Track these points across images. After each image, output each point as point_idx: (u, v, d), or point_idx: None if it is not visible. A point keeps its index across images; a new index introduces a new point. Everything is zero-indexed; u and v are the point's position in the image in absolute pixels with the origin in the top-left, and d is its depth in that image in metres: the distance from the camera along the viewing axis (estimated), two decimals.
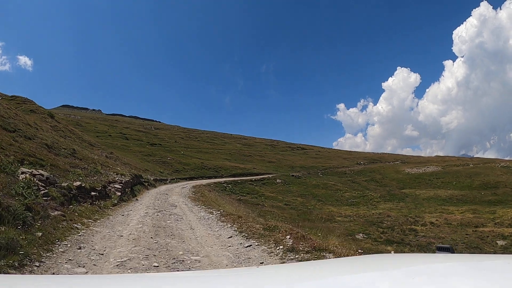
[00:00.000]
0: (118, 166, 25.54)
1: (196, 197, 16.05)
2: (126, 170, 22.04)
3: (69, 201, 8.86)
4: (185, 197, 16.06)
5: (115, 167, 21.46)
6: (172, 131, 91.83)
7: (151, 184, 24.47)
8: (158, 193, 18.90)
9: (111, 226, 7.25)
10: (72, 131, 34.55)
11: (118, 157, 32.42)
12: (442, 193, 43.40)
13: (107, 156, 29.93)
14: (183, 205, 12.20)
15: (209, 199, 15.03)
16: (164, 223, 7.62)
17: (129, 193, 14.21)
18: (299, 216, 28.25)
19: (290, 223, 22.83)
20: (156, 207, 11.36)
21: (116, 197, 11.68)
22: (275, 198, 36.55)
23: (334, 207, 35.23)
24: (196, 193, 19.42)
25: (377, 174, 54.04)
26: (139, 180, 21.68)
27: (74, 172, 12.82)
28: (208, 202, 13.60)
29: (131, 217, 8.53)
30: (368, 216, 29.86)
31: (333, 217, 28.71)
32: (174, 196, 16.51)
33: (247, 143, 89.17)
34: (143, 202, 13.01)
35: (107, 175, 17.30)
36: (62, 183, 9.48)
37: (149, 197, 15.69)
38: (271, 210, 29.29)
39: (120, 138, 64.99)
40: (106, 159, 27.52)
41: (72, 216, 7.31)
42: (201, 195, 16.89)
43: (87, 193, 10.06)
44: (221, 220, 8.17)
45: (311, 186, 45.04)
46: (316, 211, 31.38)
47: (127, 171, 20.90)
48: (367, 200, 39.91)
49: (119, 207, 10.61)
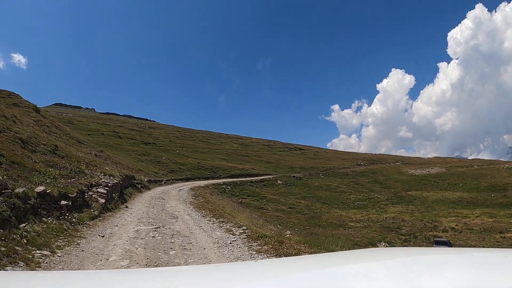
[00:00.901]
0: (108, 165, 22.44)
1: (199, 203, 13.13)
2: (116, 170, 18.99)
3: (23, 216, 5.90)
4: (185, 203, 13.13)
5: (103, 167, 18.39)
6: (167, 130, 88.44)
7: (144, 186, 21.43)
8: (152, 197, 15.92)
9: (79, 262, 4.32)
10: (59, 127, 31.27)
11: (109, 155, 29.25)
12: (450, 195, 41.06)
13: (97, 155, 26.79)
14: (185, 216, 9.28)
15: (216, 206, 12.10)
16: (165, 257, 4.74)
17: (117, 199, 11.22)
18: (307, 221, 25.48)
19: (304, 230, 19.91)
20: (151, 219, 8.43)
21: (98, 206, 8.71)
22: (277, 201, 33.72)
23: (341, 211, 32.51)
24: (197, 197, 16.48)
25: (380, 175, 51.54)
26: (131, 181, 18.66)
27: (46, 172, 9.80)
28: (216, 210, 10.68)
29: (114, 242, 5.62)
30: (382, 220, 27.17)
31: (344, 222, 25.98)
32: (172, 202, 13.58)
33: (244, 143, 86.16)
34: (134, 211, 10.06)
35: (92, 176, 14.31)
36: (17, 189, 6.51)
37: (142, 203, 12.73)
38: (277, 214, 26.46)
39: (113, 136, 61.56)
40: (95, 157, 24.40)
41: (13, 246, 4.36)
42: (204, 201, 13.97)
43: (55, 202, 7.10)
44: (253, 247, 5.25)
45: (313, 187, 42.30)
46: (324, 215, 28.62)
47: (117, 171, 17.85)
48: (374, 202, 37.29)
49: (101, 221, 7.67)
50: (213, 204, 12.64)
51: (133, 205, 11.65)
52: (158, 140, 66.78)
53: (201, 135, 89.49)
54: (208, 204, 12.64)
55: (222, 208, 12.04)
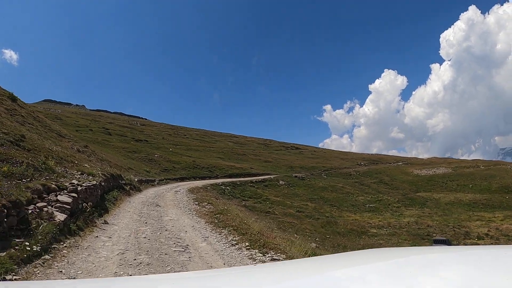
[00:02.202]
0: (92, 162, 18.42)
1: (209, 213, 9.40)
2: (99, 167, 15.04)
3: None
4: (190, 213, 9.39)
5: (82, 164, 14.43)
6: (159, 127, 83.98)
7: (134, 187, 17.52)
8: (144, 202, 12.09)
9: None
10: (37, 118, 26.94)
11: (94, 151, 25.15)
12: (462, 197, 38.08)
13: (80, 150, 22.68)
14: (201, 244, 5.57)
15: (234, 218, 8.33)
16: None
17: (91, 210, 7.37)
18: (323, 228, 21.89)
19: (325, 239, 16.29)
20: (143, 254, 4.64)
21: (48, 230, 4.89)
22: (282, 203, 30.09)
23: (354, 214, 29.06)
24: (200, 202, 12.69)
25: (385, 176, 48.40)
26: (118, 182, 14.75)
27: None
28: (241, 228, 6.95)
29: None
30: (405, 226, 23.77)
31: (364, 229, 22.48)
32: (171, 211, 9.81)
33: (239, 142, 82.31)
34: (117, 232, 6.29)
35: (64, 174, 10.44)
36: None
37: (129, 213, 8.92)
38: (287, 220, 22.81)
39: (102, 133, 56.99)
40: (76, 153, 20.35)
41: None
42: (213, 209, 10.22)
43: None
44: None
45: (318, 188, 38.80)
46: (338, 220, 25.08)
47: (99, 170, 13.92)
48: (385, 205, 33.97)
49: (44, 266, 3.84)
50: (229, 215, 8.88)
51: (116, 218, 7.85)
52: (150, 137, 62.46)
53: (195, 133, 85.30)
54: (223, 215, 8.88)
55: (244, 221, 8.30)
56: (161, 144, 56.75)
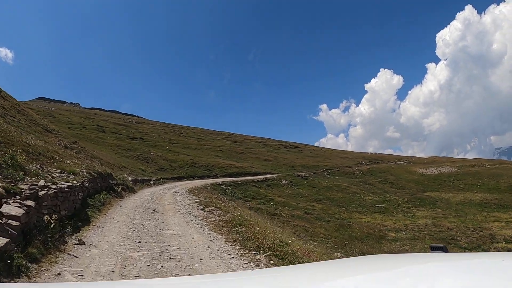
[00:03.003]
0: (80, 159, 15.95)
1: (222, 222, 7.14)
2: (85, 165, 12.63)
3: None
4: (197, 222, 7.12)
5: (64, 160, 12.04)
6: (155, 125, 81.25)
7: (127, 187, 15.11)
8: (138, 207, 9.75)
9: None
10: (22, 112, 24.32)
11: (84, 148, 22.64)
12: (472, 196, 36.20)
13: (67, 146, 20.21)
14: None
15: (261, 233, 6.05)
16: None
17: (61, 225, 5.03)
18: (338, 232, 19.70)
19: (345, 246, 14.05)
20: None
21: None
22: (288, 204, 27.86)
23: (365, 216, 26.94)
24: (206, 206, 10.38)
25: (389, 175, 46.42)
26: (107, 182, 12.35)
27: None
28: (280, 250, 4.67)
29: None
30: (422, 228, 21.69)
31: (381, 232, 20.33)
32: (172, 219, 7.52)
33: (237, 140, 79.89)
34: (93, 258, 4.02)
35: (37, 173, 8.11)
36: None
37: (118, 224, 6.60)
38: (297, 223, 20.57)
39: (96, 130, 54.19)
40: (62, 149, 17.89)
41: None
42: (225, 217, 7.91)
43: None
44: None
45: (322, 188, 36.64)
46: (351, 222, 22.90)
47: (84, 167, 11.53)
48: (394, 205, 31.92)
49: None
50: (256, 228, 6.58)
51: (99, 234, 5.52)
52: (146, 135, 59.81)
53: (192, 131, 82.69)
54: (244, 226, 6.58)
55: (276, 236, 6.02)
56: (157, 142, 54.20)
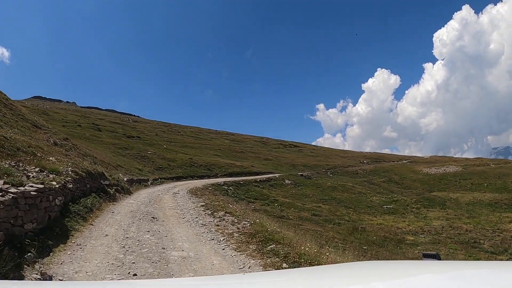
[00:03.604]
0: (70, 157, 14.06)
1: (244, 235, 5.37)
2: (71, 163, 10.80)
3: None
4: (210, 235, 5.43)
5: (47, 157, 10.22)
6: (152, 124, 79.21)
7: (122, 188, 13.29)
8: (134, 213, 7.98)
9: None
10: (10, 106, 22.26)
11: (75, 145, 20.75)
12: (480, 196, 34.73)
13: (57, 143, 18.31)
14: None
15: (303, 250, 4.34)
16: None
17: (9, 255, 3.26)
18: (353, 235, 18.03)
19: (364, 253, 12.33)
20: None
21: None
22: (293, 205, 26.15)
23: (374, 217, 25.32)
24: (214, 210, 8.65)
25: (393, 174, 44.90)
26: (98, 183, 10.52)
27: None
28: None
29: None
30: (439, 230, 20.09)
31: (397, 235, 18.69)
32: (177, 230, 5.79)
33: (235, 139, 78.08)
34: None
35: (9, 171, 6.26)
36: None
37: (106, 239, 4.88)
38: (307, 226, 18.84)
39: (92, 129, 52.12)
40: (50, 146, 16.00)
41: None
42: (260, 234, 6.15)
43: None
44: None
45: (327, 188, 34.99)
46: (362, 223, 21.23)
47: (70, 165, 9.72)
48: (403, 206, 30.34)
49: None
50: (287, 243, 4.85)
51: (76, 259, 3.79)
52: (143, 134, 57.83)
53: (190, 130, 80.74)
54: (276, 243, 4.85)
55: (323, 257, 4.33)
56: (154, 140, 52.26)
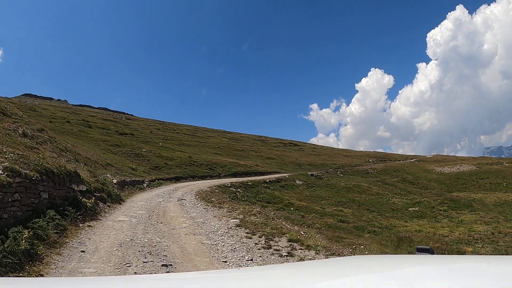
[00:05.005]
0: (40, 150, 9.84)
1: None
2: (19, 156, 6.75)
3: None
4: None
5: None
6: (147, 122, 74.49)
7: (110, 195, 9.14)
8: (123, 250, 3.87)
9: None
10: None
11: (53, 138, 16.43)
12: (505, 197, 31.44)
13: (26, 134, 13.84)
14: None
15: None
16: None
17: None
18: (399, 247, 14.18)
19: None
20: None
21: None
22: (312, 210, 22.24)
23: (405, 222, 21.61)
24: (267, 237, 4.71)
25: (405, 174, 41.45)
26: (66, 189, 6.39)
27: None
28: None
29: None
30: (490, 236, 16.48)
31: (450, 245, 14.97)
32: None
33: (234, 138, 73.94)
34: None
35: None
36: None
37: None
38: (343, 236, 14.91)
39: (82, 125, 47.31)
40: (16, 137, 11.69)
41: None
42: None
43: None
44: None
45: (342, 189, 31.23)
46: (404, 232, 17.45)
47: (7, 161, 5.68)
48: (428, 208, 26.75)
49: None
50: None
51: None
52: (137, 131, 53.20)
53: (185, 128, 76.25)
54: None
55: None
56: (149, 138, 47.78)
